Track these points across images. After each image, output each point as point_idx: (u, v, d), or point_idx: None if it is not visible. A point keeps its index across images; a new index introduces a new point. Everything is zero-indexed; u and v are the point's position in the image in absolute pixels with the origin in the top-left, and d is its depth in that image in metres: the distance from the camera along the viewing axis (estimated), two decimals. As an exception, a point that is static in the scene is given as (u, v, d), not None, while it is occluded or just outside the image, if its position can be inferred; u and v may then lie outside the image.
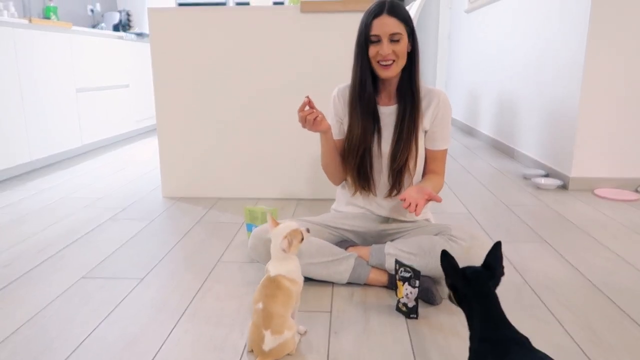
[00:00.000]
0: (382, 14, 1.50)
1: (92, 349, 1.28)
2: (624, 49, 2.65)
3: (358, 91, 1.60)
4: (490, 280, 1.01)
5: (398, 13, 1.51)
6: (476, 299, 0.98)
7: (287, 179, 2.67)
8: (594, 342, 1.30)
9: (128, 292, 1.59)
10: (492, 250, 1.04)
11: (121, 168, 3.44)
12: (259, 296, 1.22)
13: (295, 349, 1.23)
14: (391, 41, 1.50)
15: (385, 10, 1.50)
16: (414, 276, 1.39)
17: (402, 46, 1.51)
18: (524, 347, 0.90)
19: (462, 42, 5.34)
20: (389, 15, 1.50)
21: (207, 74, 2.57)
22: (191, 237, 2.10)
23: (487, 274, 1.01)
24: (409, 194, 1.44)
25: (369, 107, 1.61)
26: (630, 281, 1.67)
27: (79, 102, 3.79)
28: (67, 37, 3.63)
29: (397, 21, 1.50)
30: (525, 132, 3.56)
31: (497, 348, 0.91)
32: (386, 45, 1.50)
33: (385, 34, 1.50)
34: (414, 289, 1.40)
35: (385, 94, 1.64)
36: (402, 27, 1.51)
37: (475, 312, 0.98)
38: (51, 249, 1.96)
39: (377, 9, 1.52)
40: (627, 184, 2.81)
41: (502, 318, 0.96)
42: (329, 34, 2.48)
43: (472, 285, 1.00)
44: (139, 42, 4.80)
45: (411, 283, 1.40)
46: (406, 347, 1.28)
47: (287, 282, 1.24)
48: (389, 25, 1.49)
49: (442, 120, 1.62)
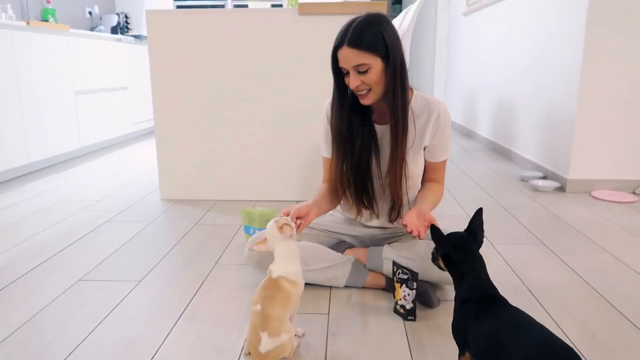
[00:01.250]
0: (342, 46, 1.37)
1: (90, 351, 1.27)
2: (622, 51, 2.65)
3: (336, 123, 1.52)
4: (474, 243, 1.11)
5: (360, 42, 1.35)
6: (466, 263, 1.08)
7: (284, 181, 2.67)
8: (592, 345, 1.30)
9: (126, 295, 1.59)
10: (474, 216, 1.15)
11: (119, 170, 3.44)
12: (258, 297, 1.22)
13: (292, 352, 1.23)
14: (358, 72, 1.38)
15: (345, 41, 1.36)
16: (412, 278, 1.39)
17: (371, 76, 1.38)
18: (504, 305, 1.00)
19: (460, 45, 5.35)
20: (349, 47, 1.36)
21: (205, 77, 2.57)
22: (189, 239, 2.10)
23: (472, 238, 1.12)
24: (409, 220, 1.39)
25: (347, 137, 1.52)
26: (628, 283, 1.68)
27: (77, 105, 3.79)
28: (65, 39, 3.63)
29: (360, 52, 1.35)
30: (523, 134, 3.56)
31: (479, 305, 1.00)
32: (353, 77, 1.39)
33: (350, 66, 1.38)
34: (412, 291, 1.40)
35: (378, 112, 1.55)
36: (367, 57, 1.36)
37: (465, 275, 1.07)
38: (49, 252, 1.96)
39: (338, 38, 1.39)
40: (624, 185, 2.81)
41: (487, 279, 1.06)
42: (327, 37, 2.48)
43: (461, 250, 1.09)
44: (137, 44, 4.81)
45: (409, 285, 1.40)
46: (404, 349, 1.28)
47: (288, 284, 1.24)
48: (350, 58, 1.37)
49: (442, 134, 1.54)
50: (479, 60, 4.64)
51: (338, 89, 1.49)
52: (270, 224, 1.32)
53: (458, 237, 1.12)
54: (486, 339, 0.94)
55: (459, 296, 1.07)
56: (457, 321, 1.05)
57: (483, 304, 1.00)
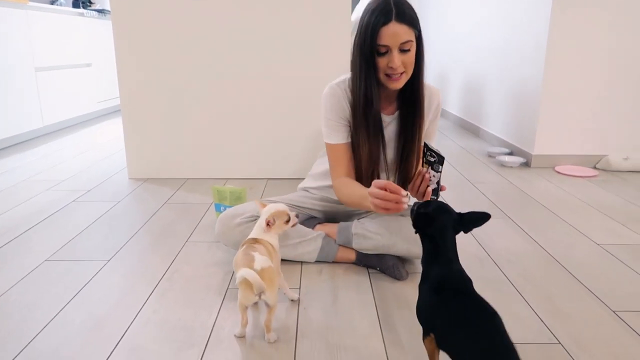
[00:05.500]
0: (390, 22, 1.29)
1: (58, 332, 1.26)
2: (585, 33, 2.71)
3: (364, 109, 1.43)
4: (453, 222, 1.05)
5: (408, 17, 1.30)
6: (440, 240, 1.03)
7: (255, 158, 2.66)
8: (552, 312, 1.36)
9: (94, 274, 1.57)
10: (480, 217, 1.06)
11: (85, 150, 3.35)
12: (241, 255, 1.24)
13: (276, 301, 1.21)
14: (400, 51, 1.33)
15: (393, 16, 1.29)
16: (438, 161, 1.39)
17: (411, 55, 1.34)
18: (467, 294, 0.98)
19: (431, 24, 5.36)
20: (398, 22, 1.29)
21: (172, 52, 2.51)
22: (159, 218, 2.08)
23: (453, 218, 1.05)
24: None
25: (376, 126, 1.46)
26: (588, 254, 1.75)
27: (38, 82, 3.65)
28: (23, 13, 3.48)
29: (408, 27, 1.30)
30: (491, 112, 3.63)
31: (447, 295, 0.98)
32: (397, 56, 1.32)
33: (396, 45, 1.31)
34: (437, 173, 1.40)
35: (386, 100, 1.50)
36: (412, 34, 1.32)
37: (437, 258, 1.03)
38: (13, 233, 1.91)
39: (381, 14, 1.30)
40: (586, 160, 2.91)
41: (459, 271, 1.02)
42: (304, 11, 2.45)
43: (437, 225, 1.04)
44: (101, 19, 4.65)
45: (434, 167, 1.40)
46: (373, 321, 1.31)
47: (267, 244, 1.31)
48: (400, 34, 1.30)
49: (435, 119, 1.58)
50: (449, 39, 4.66)
51: (368, 72, 1.39)
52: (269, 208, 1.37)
53: (436, 207, 1.06)
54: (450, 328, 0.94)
55: (429, 280, 1.03)
56: (423, 304, 1.03)
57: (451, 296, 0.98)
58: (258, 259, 1.19)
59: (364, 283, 1.52)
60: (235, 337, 1.23)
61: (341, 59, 2.49)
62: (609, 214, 2.13)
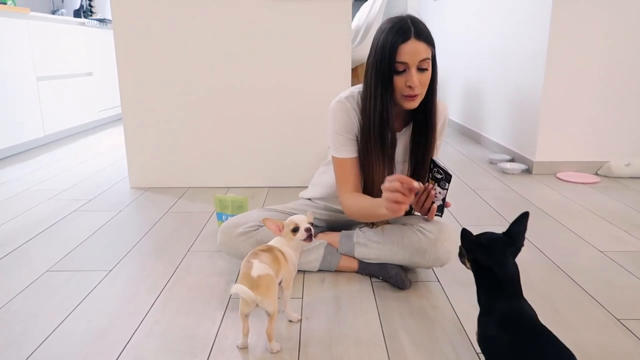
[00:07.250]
0: (409, 39, 1.29)
1: (60, 342, 1.25)
2: (586, 39, 2.72)
3: (379, 129, 1.40)
4: (508, 247, 1.01)
5: (425, 35, 1.31)
6: (495, 267, 0.99)
7: (256, 167, 2.66)
8: (556, 320, 1.35)
9: (96, 284, 1.57)
10: (517, 219, 1.03)
11: (86, 159, 3.35)
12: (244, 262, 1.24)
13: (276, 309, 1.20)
14: (418, 70, 1.32)
15: (412, 34, 1.29)
16: (445, 179, 1.39)
17: (428, 75, 1.34)
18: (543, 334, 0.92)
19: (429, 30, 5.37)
20: (417, 39, 1.29)
21: (173, 61, 2.52)
22: (160, 227, 2.07)
23: (507, 241, 1.01)
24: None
25: (392, 147, 1.44)
26: (590, 261, 1.74)
27: (40, 91, 3.67)
28: (25, 22, 3.49)
29: (426, 45, 1.30)
30: (491, 118, 3.63)
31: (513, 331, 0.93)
32: (415, 75, 1.31)
33: (415, 62, 1.30)
34: (443, 191, 1.41)
35: (397, 118, 1.48)
36: (429, 52, 1.32)
37: (498, 294, 0.99)
38: (14, 243, 1.91)
39: (402, 32, 1.29)
40: (588, 167, 2.91)
41: (525, 307, 0.98)
42: (304, 19, 2.46)
43: (489, 253, 1.00)
44: (102, 28, 4.67)
45: (441, 184, 1.40)
46: (377, 331, 1.31)
47: (279, 252, 1.29)
48: (419, 51, 1.29)
49: (442, 134, 1.58)
50: (448, 45, 4.68)
51: (384, 91, 1.37)
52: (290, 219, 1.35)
53: (490, 238, 1.01)
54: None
55: (495, 313, 0.98)
56: (489, 340, 0.98)
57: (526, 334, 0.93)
58: (256, 266, 1.18)
59: (366, 292, 1.52)
60: (237, 348, 1.22)
61: (342, 68, 2.50)
62: (612, 221, 2.13)
